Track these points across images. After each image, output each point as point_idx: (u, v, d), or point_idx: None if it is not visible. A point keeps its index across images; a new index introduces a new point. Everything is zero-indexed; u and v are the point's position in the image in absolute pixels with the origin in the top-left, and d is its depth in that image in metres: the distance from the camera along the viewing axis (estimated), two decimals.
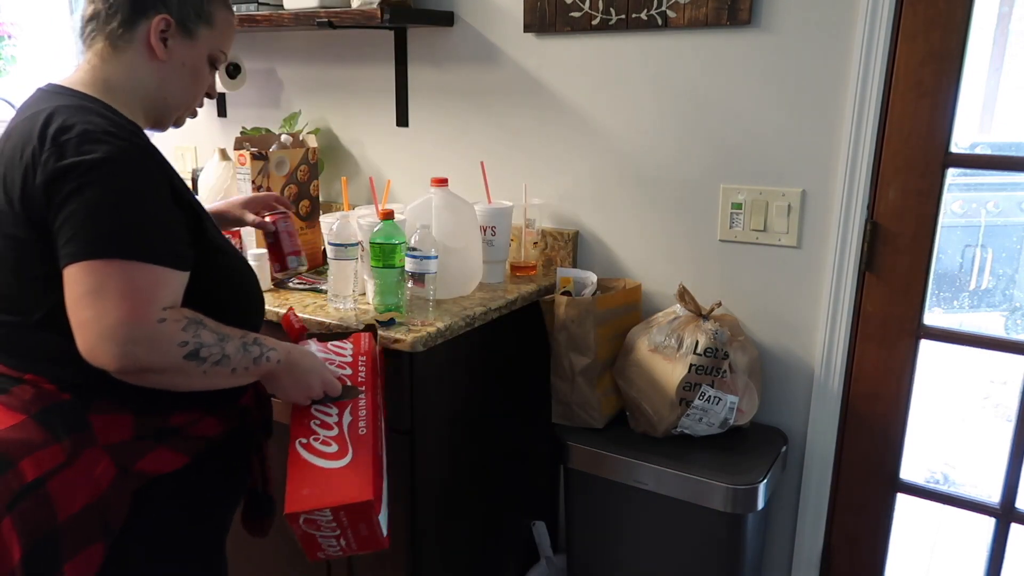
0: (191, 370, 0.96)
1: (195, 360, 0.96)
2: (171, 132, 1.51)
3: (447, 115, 1.98)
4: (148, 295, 0.93)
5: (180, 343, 0.95)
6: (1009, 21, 1.87)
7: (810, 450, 1.66)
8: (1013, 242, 2.50)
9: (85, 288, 0.91)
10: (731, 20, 1.55)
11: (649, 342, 1.58)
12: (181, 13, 1.08)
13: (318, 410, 1.16)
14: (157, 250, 0.96)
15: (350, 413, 1.16)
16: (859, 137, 1.48)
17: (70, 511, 0.97)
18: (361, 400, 1.18)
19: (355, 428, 1.14)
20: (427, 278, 1.44)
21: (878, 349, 1.57)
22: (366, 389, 1.20)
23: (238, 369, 1.02)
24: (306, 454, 1.10)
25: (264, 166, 1.66)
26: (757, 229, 1.63)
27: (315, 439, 1.12)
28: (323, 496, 1.04)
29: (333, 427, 1.14)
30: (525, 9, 1.78)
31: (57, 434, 0.99)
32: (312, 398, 1.15)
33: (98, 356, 0.91)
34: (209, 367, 0.97)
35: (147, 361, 0.92)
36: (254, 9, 1.94)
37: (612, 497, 1.58)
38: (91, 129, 0.96)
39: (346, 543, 1.10)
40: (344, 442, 1.12)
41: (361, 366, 1.23)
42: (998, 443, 1.60)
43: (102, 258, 0.92)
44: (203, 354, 0.97)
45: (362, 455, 1.10)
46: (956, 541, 2.14)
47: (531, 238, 1.83)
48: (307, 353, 1.15)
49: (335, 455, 1.10)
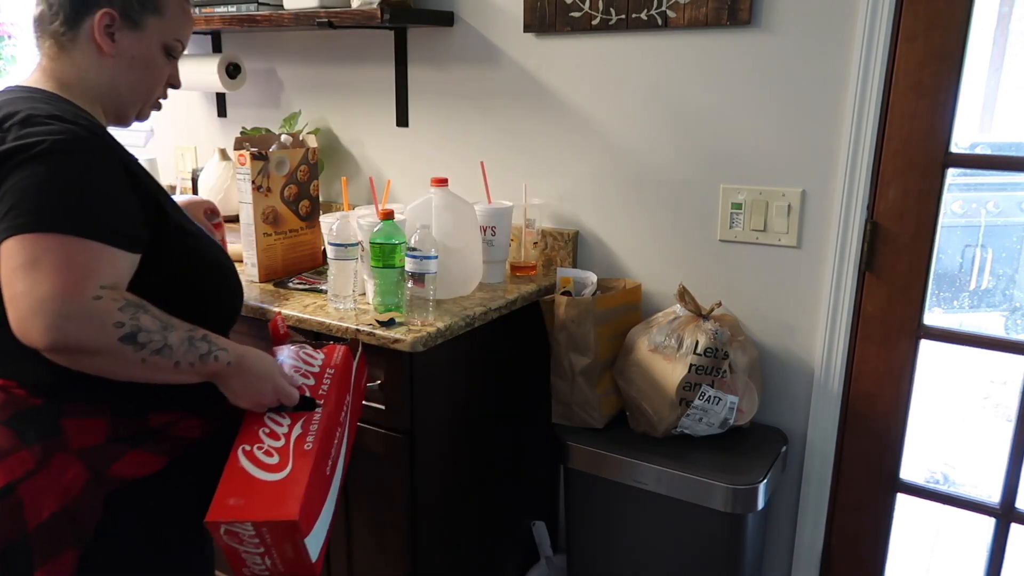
0: (127, 355, 0.91)
1: (131, 344, 0.90)
2: (171, 132, 1.53)
3: (447, 115, 1.98)
4: (85, 271, 0.89)
5: (115, 323, 0.89)
6: (1009, 21, 1.87)
7: (810, 450, 1.66)
8: (1013, 242, 2.50)
9: (19, 261, 0.87)
10: (731, 20, 1.55)
11: (649, 342, 1.58)
12: (124, 5, 1.05)
13: (271, 418, 1.10)
14: (99, 227, 0.91)
15: (301, 426, 1.09)
16: (859, 137, 1.48)
17: (40, 518, 0.95)
18: (316, 414, 1.11)
19: (301, 442, 1.07)
20: (427, 278, 1.44)
21: (878, 349, 1.57)
22: (325, 403, 1.13)
23: (182, 363, 0.96)
24: (245, 461, 1.04)
25: (264, 166, 1.66)
26: (757, 229, 1.63)
27: (259, 447, 1.06)
28: (247, 508, 0.99)
29: (281, 438, 1.08)
30: (525, 9, 1.78)
31: (27, 439, 0.97)
32: (261, 405, 1.09)
33: (28, 331, 0.86)
34: (148, 355, 0.92)
35: (77, 338, 0.87)
36: (254, 9, 1.94)
37: (612, 497, 1.58)
38: (35, 114, 0.94)
39: (271, 563, 1.04)
40: (287, 455, 1.06)
41: (326, 379, 1.16)
42: (998, 443, 1.60)
43: (39, 231, 0.88)
44: (141, 339, 0.91)
45: (300, 471, 1.03)
46: (956, 541, 2.14)
47: (531, 238, 1.83)
48: (263, 357, 1.09)
49: (274, 467, 1.04)
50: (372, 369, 1.45)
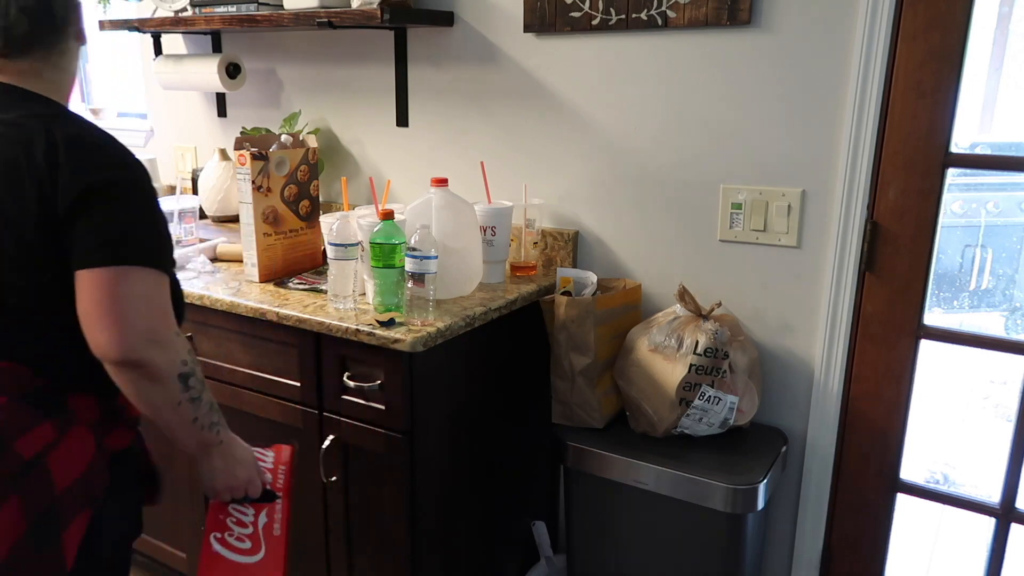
0: (176, 392, 1.05)
1: (183, 384, 1.05)
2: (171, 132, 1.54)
3: (447, 115, 1.98)
4: (166, 304, 1.05)
5: (182, 361, 1.05)
6: (1009, 21, 1.86)
7: (810, 450, 1.66)
8: (1013, 242, 2.50)
9: (109, 291, 0.99)
10: (731, 20, 1.55)
11: (649, 342, 1.58)
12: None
13: (235, 509, 1.24)
14: (168, 262, 1.07)
15: (266, 515, 1.24)
16: (859, 137, 1.48)
17: (65, 484, 1.04)
18: (278, 504, 1.26)
19: (270, 529, 1.23)
20: (427, 278, 1.44)
21: (878, 349, 1.57)
22: (284, 495, 1.27)
23: (200, 421, 1.10)
24: (220, 547, 1.20)
25: (264, 166, 1.66)
26: (757, 229, 1.63)
27: (229, 535, 1.21)
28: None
29: (248, 526, 1.23)
30: (525, 9, 1.78)
31: (45, 414, 1.04)
32: (233, 489, 1.20)
33: (109, 342, 0.98)
34: (187, 400, 1.06)
35: (153, 362, 1.01)
36: (254, 9, 1.94)
37: (612, 497, 1.58)
38: (89, 136, 1.03)
39: None
40: (258, 540, 1.21)
41: (280, 474, 1.31)
42: (998, 443, 1.60)
43: (134, 264, 1.01)
44: (191, 383, 1.06)
45: (275, 552, 1.21)
46: (956, 541, 2.14)
47: (531, 238, 1.83)
48: (245, 446, 1.22)
49: (249, 551, 1.20)
50: (373, 369, 1.46)
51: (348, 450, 1.54)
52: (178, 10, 2.14)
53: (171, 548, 1.96)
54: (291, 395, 1.59)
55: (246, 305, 1.56)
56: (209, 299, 1.62)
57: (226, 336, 1.66)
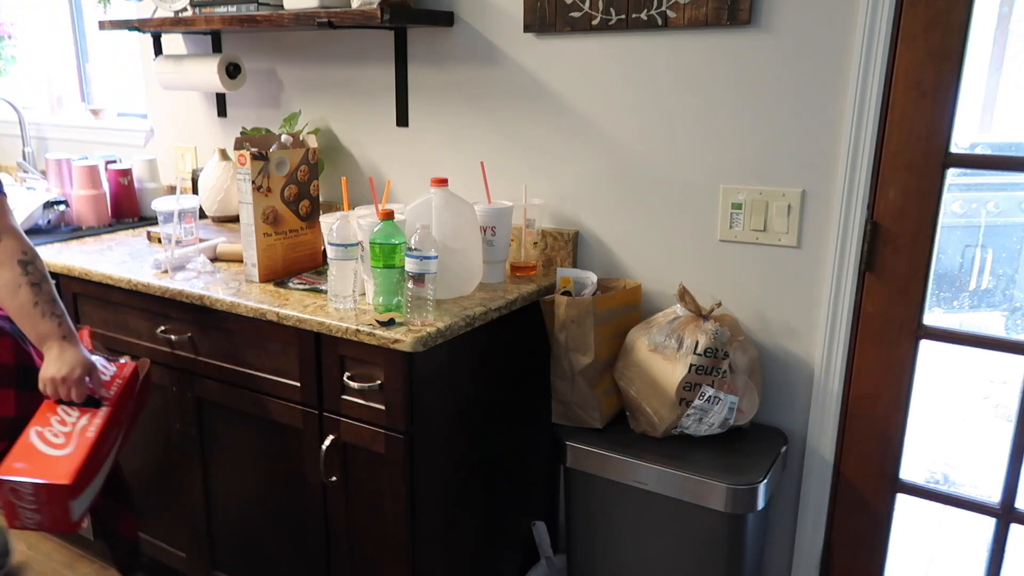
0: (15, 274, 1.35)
1: (22, 269, 1.36)
2: (171, 132, 1.57)
3: (447, 115, 1.98)
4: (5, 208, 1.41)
5: (22, 251, 1.38)
6: (1009, 21, 1.86)
7: (810, 450, 1.66)
8: (1013, 242, 2.50)
9: None
10: (731, 20, 1.55)
11: (649, 342, 1.58)
12: None
13: (63, 410, 1.41)
14: None
15: (87, 419, 1.41)
16: (859, 137, 1.48)
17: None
18: (101, 411, 1.42)
19: (85, 431, 1.39)
20: (427, 278, 1.44)
21: (878, 349, 1.57)
22: (110, 405, 1.44)
23: (39, 304, 1.36)
24: (35, 439, 1.36)
25: (264, 166, 1.66)
26: (757, 229, 1.63)
27: (49, 431, 1.38)
28: (31, 471, 1.30)
29: (69, 425, 1.39)
30: (525, 9, 1.78)
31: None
32: (56, 383, 1.37)
33: None
34: (26, 284, 1.35)
35: None
36: (254, 9, 1.94)
37: (612, 497, 1.58)
38: None
39: (41, 518, 1.33)
40: (71, 438, 1.37)
41: (114, 387, 1.47)
42: (998, 443, 1.60)
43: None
44: (30, 269, 1.36)
45: (79, 451, 1.35)
46: (956, 541, 2.14)
47: (531, 238, 1.83)
48: (84, 353, 1.41)
49: (58, 446, 1.36)
50: (373, 369, 1.46)
51: (348, 450, 1.54)
52: (178, 10, 2.14)
53: (171, 548, 1.96)
54: (291, 395, 1.59)
55: (246, 305, 1.56)
56: (209, 299, 1.62)
57: (226, 336, 1.66)
